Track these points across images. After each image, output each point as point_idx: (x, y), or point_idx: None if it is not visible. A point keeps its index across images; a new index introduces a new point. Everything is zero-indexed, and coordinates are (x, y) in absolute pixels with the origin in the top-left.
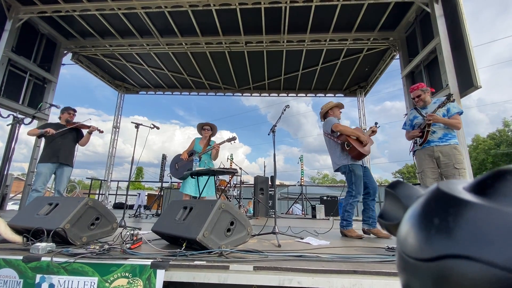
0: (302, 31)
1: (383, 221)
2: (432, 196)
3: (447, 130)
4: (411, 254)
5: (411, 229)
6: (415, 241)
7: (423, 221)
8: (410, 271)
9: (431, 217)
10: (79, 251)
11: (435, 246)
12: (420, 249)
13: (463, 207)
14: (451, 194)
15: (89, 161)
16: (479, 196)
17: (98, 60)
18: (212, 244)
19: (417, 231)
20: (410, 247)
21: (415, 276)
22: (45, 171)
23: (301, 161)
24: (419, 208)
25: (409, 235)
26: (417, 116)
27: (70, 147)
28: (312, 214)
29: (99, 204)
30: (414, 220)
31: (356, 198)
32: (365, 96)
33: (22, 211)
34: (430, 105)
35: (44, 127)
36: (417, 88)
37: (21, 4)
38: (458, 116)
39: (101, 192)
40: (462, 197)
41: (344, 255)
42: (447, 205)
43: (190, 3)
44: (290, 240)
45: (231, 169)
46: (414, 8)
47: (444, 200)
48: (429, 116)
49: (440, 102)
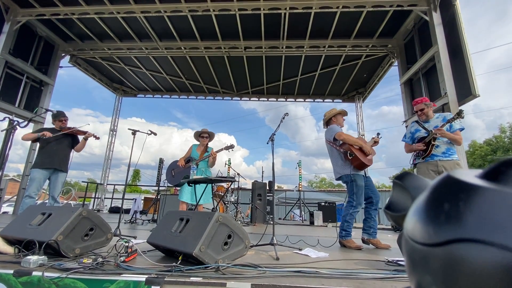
0: (301, 37)
1: (390, 212)
2: (443, 182)
3: (450, 145)
4: (420, 240)
5: (420, 215)
6: (424, 227)
7: (432, 207)
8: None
9: (441, 203)
10: (72, 265)
11: (444, 231)
12: (429, 234)
13: (475, 192)
14: (463, 180)
15: (86, 163)
16: (492, 181)
17: (96, 63)
18: (208, 259)
19: (426, 217)
20: (418, 233)
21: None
22: (39, 177)
23: (299, 166)
24: (429, 195)
25: (418, 222)
26: (419, 130)
27: (65, 152)
28: (310, 220)
29: (94, 214)
30: (423, 207)
31: (357, 209)
32: (363, 102)
33: (14, 221)
34: (432, 119)
35: (39, 131)
36: (421, 102)
37: (20, 6)
38: (460, 133)
39: (97, 196)
40: (474, 182)
41: (344, 270)
42: (458, 190)
43: (190, 8)
44: (288, 251)
45: (229, 177)
46: (412, 16)
47: (455, 186)
48: (437, 131)
49: (442, 116)
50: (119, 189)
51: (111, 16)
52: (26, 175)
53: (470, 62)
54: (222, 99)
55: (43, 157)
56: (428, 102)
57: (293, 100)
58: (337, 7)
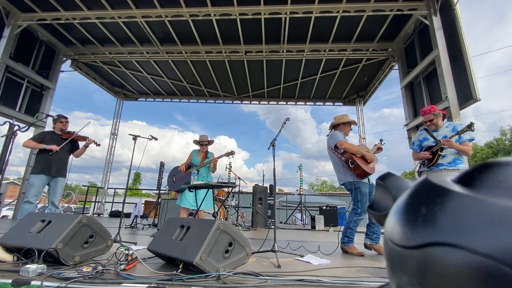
0: (301, 41)
1: (372, 212)
2: (421, 186)
3: (457, 155)
4: (398, 242)
5: (399, 218)
6: (402, 229)
7: (410, 210)
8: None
9: (418, 207)
10: (71, 274)
11: (421, 234)
12: (407, 237)
13: (449, 197)
14: (439, 184)
15: (87, 166)
16: (466, 187)
17: (98, 67)
18: (209, 267)
19: (405, 220)
20: (397, 235)
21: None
22: (38, 182)
23: (300, 170)
24: (408, 198)
25: (397, 224)
26: (427, 138)
27: (64, 158)
28: (312, 225)
29: (94, 221)
30: (402, 210)
31: (361, 216)
32: (364, 105)
33: (14, 228)
34: (442, 128)
35: (40, 136)
36: (429, 112)
37: (21, 11)
38: (469, 143)
39: (98, 200)
40: (449, 187)
41: (346, 278)
42: (435, 195)
43: (191, 12)
44: (290, 258)
45: (229, 183)
46: (412, 20)
47: (432, 190)
48: (446, 142)
49: (452, 126)
50: (120, 192)
51: (112, 21)
52: (26, 179)
53: (470, 66)
54: (223, 102)
55: (41, 163)
56: (436, 111)
57: (294, 103)
58: (337, 12)
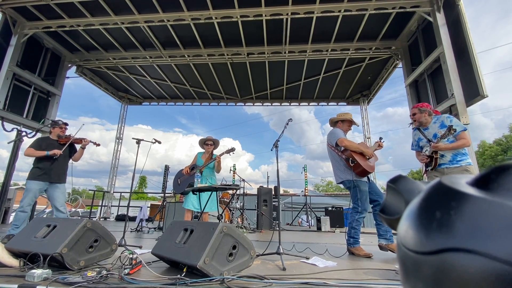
0: (303, 42)
1: (384, 216)
2: (435, 190)
3: (456, 151)
4: (412, 247)
5: (413, 222)
6: (416, 234)
7: (424, 214)
8: (410, 264)
9: (433, 211)
10: (76, 279)
11: (436, 239)
12: (421, 242)
13: (465, 200)
14: (454, 188)
15: (93, 170)
16: (482, 190)
17: (102, 73)
18: (213, 271)
19: (418, 224)
20: (411, 241)
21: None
22: (35, 188)
23: (305, 171)
24: (421, 202)
25: (410, 229)
26: (421, 138)
27: (63, 164)
28: (317, 226)
29: (98, 225)
30: (415, 214)
31: (362, 214)
32: (368, 105)
33: (20, 233)
34: (430, 125)
35: (38, 143)
36: (415, 107)
37: (27, 19)
38: (464, 134)
39: (104, 204)
40: (465, 190)
41: (353, 281)
42: (449, 198)
43: (192, 16)
44: (295, 260)
45: (233, 185)
46: (415, 17)
47: (447, 194)
48: (434, 147)
49: (439, 121)
50: (126, 196)
51: (115, 27)
52: None
53: (476, 62)
54: (226, 105)
55: (41, 169)
56: (423, 107)
57: (297, 104)
58: (339, 11)
